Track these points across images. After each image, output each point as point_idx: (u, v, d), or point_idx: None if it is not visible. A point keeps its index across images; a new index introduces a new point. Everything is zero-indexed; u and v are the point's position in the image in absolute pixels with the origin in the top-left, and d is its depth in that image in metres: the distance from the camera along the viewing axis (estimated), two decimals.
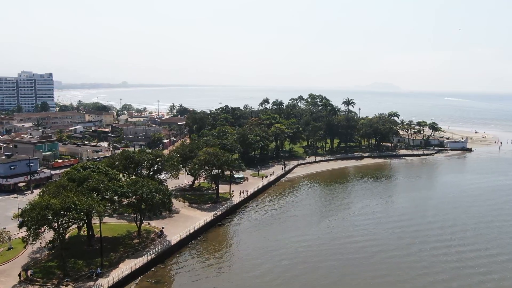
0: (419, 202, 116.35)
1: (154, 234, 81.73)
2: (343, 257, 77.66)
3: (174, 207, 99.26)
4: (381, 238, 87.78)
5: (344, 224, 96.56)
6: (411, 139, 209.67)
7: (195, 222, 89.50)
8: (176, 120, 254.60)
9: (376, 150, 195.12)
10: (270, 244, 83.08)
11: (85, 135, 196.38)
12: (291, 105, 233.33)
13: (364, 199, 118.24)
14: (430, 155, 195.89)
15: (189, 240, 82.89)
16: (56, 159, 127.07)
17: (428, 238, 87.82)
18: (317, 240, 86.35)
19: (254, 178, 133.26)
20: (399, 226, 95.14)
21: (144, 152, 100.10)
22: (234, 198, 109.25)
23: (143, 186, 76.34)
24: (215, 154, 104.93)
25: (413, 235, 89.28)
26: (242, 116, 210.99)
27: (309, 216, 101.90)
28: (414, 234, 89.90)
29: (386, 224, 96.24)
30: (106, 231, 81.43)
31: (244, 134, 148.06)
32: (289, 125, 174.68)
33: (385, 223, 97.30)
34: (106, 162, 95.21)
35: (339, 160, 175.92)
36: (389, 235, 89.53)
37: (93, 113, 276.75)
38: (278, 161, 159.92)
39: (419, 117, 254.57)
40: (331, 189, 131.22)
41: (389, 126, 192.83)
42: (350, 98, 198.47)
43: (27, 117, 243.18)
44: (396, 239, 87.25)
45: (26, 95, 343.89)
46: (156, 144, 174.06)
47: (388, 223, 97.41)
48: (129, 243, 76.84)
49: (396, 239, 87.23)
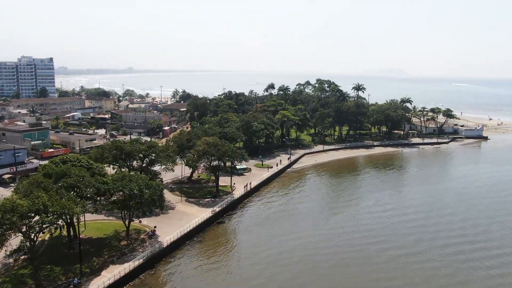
0: (432, 196, 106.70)
1: (144, 235, 73.44)
2: (356, 267, 69.00)
3: (170, 202, 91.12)
4: (392, 237, 78.98)
5: (353, 224, 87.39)
6: (424, 127, 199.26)
7: (191, 220, 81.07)
8: (178, 106, 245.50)
9: (387, 138, 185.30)
10: (274, 246, 74.54)
11: (82, 122, 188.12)
12: (297, 91, 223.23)
13: (374, 192, 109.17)
14: (445, 143, 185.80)
15: (183, 241, 74.57)
16: (46, 148, 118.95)
17: (438, 234, 79.49)
18: (325, 242, 77.65)
19: (258, 169, 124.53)
20: (412, 223, 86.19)
21: (137, 142, 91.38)
22: (235, 192, 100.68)
23: (131, 182, 67.86)
24: (214, 144, 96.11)
25: (424, 232, 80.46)
26: (246, 102, 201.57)
27: (317, 213, 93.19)
28: (425, 231, 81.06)
29: (399, 224, 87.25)
30: (91, 230, 73.35)
31: (248, 121, 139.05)
32: (295, 112, 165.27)
33: (398, 222, 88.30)
34: (95, 153, 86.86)
35: (348, 149, 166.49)
36: (400, 233, 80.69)
37: (93, 99, 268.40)
38: (283, 150, 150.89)
39: (428, 103, 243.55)
40: (340, 182, 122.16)
41: (402, 113, 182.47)
42: (360, 83, 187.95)
43: (24, 103, 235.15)
44: (407, 235, 78.42)
45: (26, 80, 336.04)
46: (155, 132, 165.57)
47: (400, 222, 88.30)
48: (115, 245, 68.61)
49: (406, 235, 78.38)
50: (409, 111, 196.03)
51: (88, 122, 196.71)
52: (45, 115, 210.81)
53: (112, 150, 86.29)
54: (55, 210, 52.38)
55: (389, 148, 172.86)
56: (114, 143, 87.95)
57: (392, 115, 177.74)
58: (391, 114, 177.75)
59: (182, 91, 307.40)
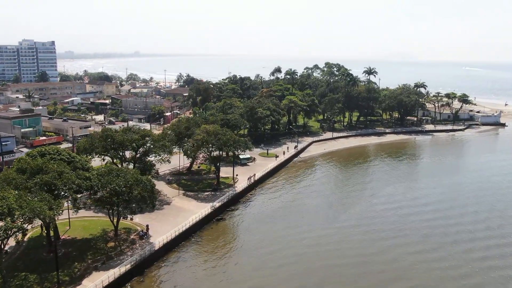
0: (450, 191, 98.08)
1: (135, 235, 66.22)
2: (370, 277, 61.40)
3: (166, 196, 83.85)
4: (409, 237, 71.21)
5: (365, 222, 79.55)
6: (438, 113, 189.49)
7: (189, 216, 73.74)
8: (182, 90, 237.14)
9: (400, 125, 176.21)
10: (278, 248, 67.06)
11: (81, 107, 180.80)
12: (305, 75, 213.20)
13: (387, 186, 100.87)
14: (460, 130, 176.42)
15: (179, 242, 67.31)
16: (38, 136, 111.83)
17: (460, 236, 71.38)
18: (335, 244, 70.02)
19: (262, 159, 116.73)
20: (429, 224, 78.23)
21: (130, 130, 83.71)
22: (238, 184, 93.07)
23: (118, 177, 60.40)
24: (215, 132, 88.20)
25: (443, 234, 72.59)
26: (252, 87, 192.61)
27: (326, 209, 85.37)
28: (443, 232, 73.16)
29: (415, 222, 79.37)
30: (77, 230, 66.41)
31: (253, 107, 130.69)
32: (303, 97, 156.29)
33: (413, 221, 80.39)
34: (84, 142, 79.42)
35: (358, 136, 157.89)
36: (416, 232, 72.86)
37: (94, 83, 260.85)
38: (290, 138, 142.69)
39: (437, 89, 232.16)
40: (350, 173, 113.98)
41: (415, 98, 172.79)
42: (372, 67, 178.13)
43: (23, 87, 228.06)
44: (428, 236, 70.60)
45: (27, 64, 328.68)
46: (156, 118, 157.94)
47: (417, 222, 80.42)
48: (101, 247, 61.46)
49: (427, 236, 70.57)
50: (422, 96, 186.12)
51: (87, 107, 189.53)
52: (44, 100, 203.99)
53: (102, 139, 78.87)
54: (23, 213, 45.01)
55: (402, 135, 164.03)
56: (104, 132, 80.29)
57: (405, 101, 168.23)
58: (404, 100, 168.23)
59: (186, 75, 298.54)
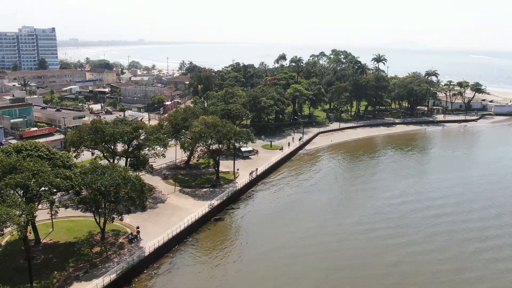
0: (459, 185, 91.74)
1: (124, 238, 60.27)
2: None
3: (161, 194, 77.88)
4: (424, 241, 64.92)
5: (369, 223, 73.28)
6: (449, 102, 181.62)
7: (184, 216, 67.80)
8: (184, 79, 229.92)
9: (410, 115, 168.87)
10: (284, 254, 60.93)
11: (78, 96, 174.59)
12: (311, 62, 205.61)
13: (395, 181, 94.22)
14: (473, 121, 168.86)
15: (172, 245, 61.36)
16: (28, 127, 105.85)
17: (455, 226, 64.73)
18: (342, 251, 63.82)
19: (266, 151, 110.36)
20: (444, 228, 71.80)
21: (122, 122, 77.42)
22: (239, 180, 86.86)
23: (104, 176, 54.29)
24: (214, 124, 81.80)
25: (454, 232, 66.14)
26: (255, 75, 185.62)
27: (335, 206, 79.08)
28: (457, 232, 66.77)
29: (429, 225, 72.93)
30: (60, 232, 60.57)
31: (256, 96, 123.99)
32: (309, 86, 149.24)
33: (427, 222, 73.96)
34: (72, 135, 73.30)
35: (367, 127, 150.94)
36: (429, 233, 66.54)
37: (94, 71, 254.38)
38: (295, 129, 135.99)
39: (444, 77, 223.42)
40: (358, 167, 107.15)
41: (426, 87, 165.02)
42: (381, 54, 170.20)
43: (21, 75, 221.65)
44: (443, 242, 64.26)
45: (27, 51, 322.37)
46: (155, 108, 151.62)
47: (430, 226, 73.96)
48: (85, 253, 55.56)
49: (444, 242, 64.24)
50: (434, 85, 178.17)
51: (85, 96, 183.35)
52: (41, 88, 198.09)
53: (91, 132, 72.71)
54: None
55: (412, 126, 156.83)
56: (93, 124, 74.06)
57: (416, 90, 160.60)
58: (415, 89, 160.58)
59: (189, 62, 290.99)
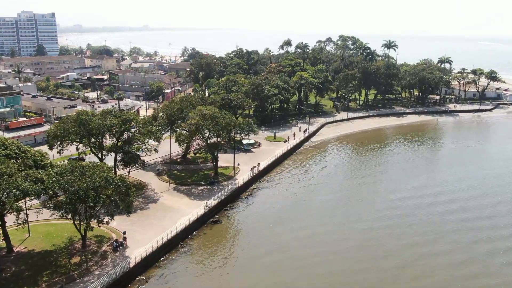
0: (484, 185, 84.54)
1: (108, 245, 53.75)
2: None
3: (154, 192, 71.35)
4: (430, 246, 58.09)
5: (377, 225, 66.53)
6: (462, 91, 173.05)
7: (178, 218, 61.28)
8: (186, 65, 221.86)
9: (421, 105, 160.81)
10: (287, 265, 54.28)
11: (75, 83, 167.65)
12: (318, 49, 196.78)
13: (411, 178, 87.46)
14: (487, 111, 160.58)
15: (163, 253, 54.87)
16: (16, 117, 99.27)
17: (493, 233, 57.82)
18: (359, 261, 57.07)
19: (269, 143, 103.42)
20: (463, 236, 64.83)
21: (110, 114, 70.57)
22: (239, 176, 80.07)
23: (82, 177, 47.61)
24: (212, 116, 74.75)
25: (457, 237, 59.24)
26: (259, 62, 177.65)
27: (342, 207, 72.19)
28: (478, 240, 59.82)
29: (447, 231, 66.01)
30: (37, 238, 54.18)
31: (259, 84, 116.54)
32: (315, 73, 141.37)
33: (429, 218, 67.01)
34: (54, 129, 66.53)
35: (376, 117, 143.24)
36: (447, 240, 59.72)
37: (94, 57, 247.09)
38: (301, 119, 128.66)
39: (454, 65, 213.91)
40: (367, 162, 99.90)
41: (439, 75, 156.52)
42: (392, 40, 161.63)
43: (18, 61, 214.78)
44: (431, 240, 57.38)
45: (27, 37, 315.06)
46: (152, 96, 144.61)
47: (448, 232, 67.02)
48: (63, 264, 49.14)
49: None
50: (446, 72, 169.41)
51: (83, 83, 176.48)
52: (38, 75, 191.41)
53: (76, 125, 65.93)
54: None
55: (423, 116, 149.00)
56: (78, 116, 67.21)
57: (428, 78, 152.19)
58: (428, 77, 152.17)
59: (192, 48, 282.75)
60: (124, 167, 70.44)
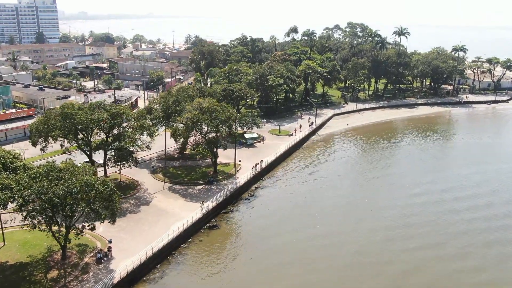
0: (494, 182, 78.24)
1: (91, 256, 48.05)
2: None
3: (146, 192, 65.63)
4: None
5: (389, 235, 60.44)
6: (477, 81, 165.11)
7: (171, 224, 55.55)
8: (189, 53, 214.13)
9: (433, 95, 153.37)
10: (291, 278, 48.41)
11: (73, 72, 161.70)
12: (325, 36, 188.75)
13: (421, 176, 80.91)
14: (503, 102, 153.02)
15: (152, 265, 49.15)
16: (5, 109, 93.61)
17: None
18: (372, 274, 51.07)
19: (273, 137, 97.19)
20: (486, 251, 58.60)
21: (99, 107, 64.57)
22: (240, 173, 74.08)
23: (58, 182, 41.75)
24: (210, 109, 68.55)
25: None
26: (264, 50, 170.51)
27: (352, 210, 66.04)
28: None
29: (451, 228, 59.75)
30: (13, 248, 48.64)
31: (263, 74, 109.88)
32: (323, 62, 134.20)
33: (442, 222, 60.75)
34: (37, 124, 60.70)
35: (387, 108, 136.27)
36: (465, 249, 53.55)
37: (94, 45, 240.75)
38: (307, 110, 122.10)
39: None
40: (377, 158, 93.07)
41: (453, 63, 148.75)
42: (404, 27, 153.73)
43: (16, 49, 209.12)
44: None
45: (27, 24, 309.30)
46: (151, 85, 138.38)
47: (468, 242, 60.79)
48: (38, 280, 43.56)
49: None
50: (460, 61, 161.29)
51: (82, 72, 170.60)
52: (36, 63, 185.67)
53: (60, 120, 60.00)
54: None
55: (436, 107, 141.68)
56: (63, 109, 61.23)
57: (442, 67, 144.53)
58: (441, 66, 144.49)
59: (195, 36, 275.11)
60: (115, 164, 64.80)
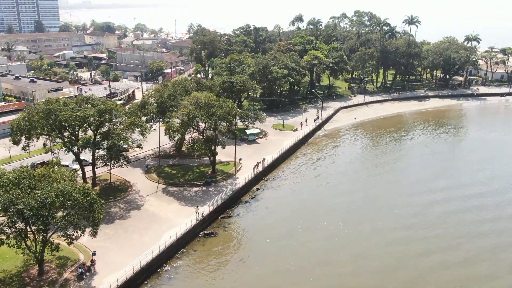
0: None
1: (71, 271, 43.18)
2: None
3: (138, 195, 60.70)
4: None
5: (396, 240, 55.16)
6: (490, 72, 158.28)
7: (164, 231, 50.70)
8: (190, 43, 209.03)
9: (444, 87, 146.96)
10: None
11: (70, 62, 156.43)
12: (331, 25, 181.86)
13: (433, 178, 75.34)
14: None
15: (140, 280, 44.26)
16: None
17: None
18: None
19: (277, 132, 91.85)
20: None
21: (86, 102, 59.38)
22: (240, 174, 68.87)
23: (30, 191, 36.71)
24: (208, 104, 63.23)
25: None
26: (268, 39, 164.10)
27: (363, 215, 60.67)
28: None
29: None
30: None
31: (266, 65, 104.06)
32: (329, 52, 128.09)
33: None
34: (19, 121, 55.59)
35: (396, 101, 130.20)
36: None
37: (94, 34, 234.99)
38: (313, 103, 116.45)
39: None
40: (387, 155, 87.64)
41: (466, 54, 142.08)
42: (414, 16, 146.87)
43: (14, 38, 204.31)
44: None
45: (27, 13, 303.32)
46: (152, 76, 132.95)
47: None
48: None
49: None
50: (473, 51, 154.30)
51: (80, 62, 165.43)
52: (34, 53, 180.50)
53: (43, 117, 54.88)
54: None
55: (448, 100, 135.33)
56: (47, 105, 56.05)
57: (454, 57, 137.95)
58: (453, 56, 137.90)
59: (198, 25, 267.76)
60: (104, 164, 59.78)
